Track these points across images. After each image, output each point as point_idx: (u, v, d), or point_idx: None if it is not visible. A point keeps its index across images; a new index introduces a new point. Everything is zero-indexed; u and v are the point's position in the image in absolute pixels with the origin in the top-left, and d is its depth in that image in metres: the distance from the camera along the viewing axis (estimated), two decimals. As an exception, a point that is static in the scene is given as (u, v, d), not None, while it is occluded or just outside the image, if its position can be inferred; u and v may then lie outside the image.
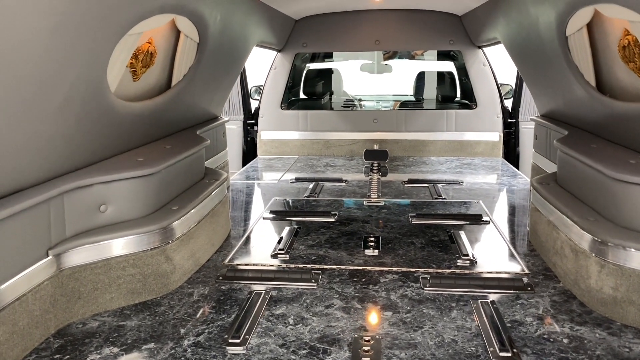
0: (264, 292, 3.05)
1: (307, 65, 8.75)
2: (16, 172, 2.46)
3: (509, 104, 7.42)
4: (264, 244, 3.90)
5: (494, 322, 2.67)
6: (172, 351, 2.47)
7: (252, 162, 7.21)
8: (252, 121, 7.71)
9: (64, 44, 2.25)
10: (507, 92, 7.53)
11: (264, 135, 7.46)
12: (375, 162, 6.79)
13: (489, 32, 5.71)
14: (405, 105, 8.90)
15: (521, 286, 3.09)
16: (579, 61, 3.70)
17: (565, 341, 2.52)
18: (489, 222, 4.31)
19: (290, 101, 7.94)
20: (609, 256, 2.76)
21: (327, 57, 9.22)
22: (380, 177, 6.07)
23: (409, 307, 2.86)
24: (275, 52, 7.33)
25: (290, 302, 2.93)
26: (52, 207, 2.66)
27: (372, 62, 9.57)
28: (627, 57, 3.17)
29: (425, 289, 3.07)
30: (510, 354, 2.40)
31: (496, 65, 7.24)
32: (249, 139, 7.78)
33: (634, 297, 2.67)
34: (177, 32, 3.70)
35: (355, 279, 3.23)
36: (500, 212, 4.79)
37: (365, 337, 2.54)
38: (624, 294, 2.70)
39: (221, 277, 3.27)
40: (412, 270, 3.35)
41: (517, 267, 3.42)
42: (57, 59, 2.27)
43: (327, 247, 3.75)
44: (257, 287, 3.13)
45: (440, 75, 8.51)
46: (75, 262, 2.76)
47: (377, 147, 7.23)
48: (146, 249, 2.99)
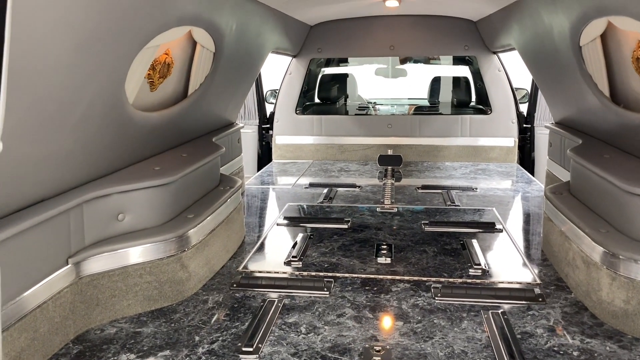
0: (277, 300, 3.10)
1: (322, 70, 8.79)
2: (38, 184, 2.54)
3: (524, 108, 7.39)
4: (277, 250, 3.96)
5: (504, 333, 2.69)
6: (187, 359, 2.53)
7: (267, 166, 7.29)
8: (267, 125, 7.78)
9: (85, 60, 2.32)
10: (523, 96, 7.49)
11: (279, 139, 7.53)
12: (389, 167, 6.82)
13: (504, 38, 5.70)
14: (420, 109, 8.89)
15: (533, 297, 3.10)
16: (592, 71, 3.70)
17: (575, 354, 2.53)
18: (502, 231, 4.31)
19: (305, 106, 8.00)
20: (621, 269, 2.77)
21: (341, 61, 9.23)
22: (394, 182, 6.10)
23: (419, 317, 2.89)
24: (290, 57, 7.40)
25: (302, 311, 2.98)
26: (72, 217, 2.74)
27: (386, 66, 9.57)
28: (641, 68, 3.17)
29: (436, 298, 3.10)
30: None
31: (512, 68, 7.20)
32: (264, 143, 7.85)
33: (645, 310, 2.67)
34: (194, 42, 3.77)
35: (367, 288, 3.27)
36: (513, 220, 4.78)
37: (375, 347, 2.58)
38: (635, 307, 2.69)
39: (235, 285, 3.33)
40: (424, 279, 3.38)
41: (529, 277, 3.43)
42: (78, 75, 2.35)
43: (339, 255, 3.79)
44: (270, 295, 3.18)
45: (455, 80, 8.50)
46: (93, 269, 2.84)
47: (391, 152, 7.25)
48: (162, 256, 3.07)
